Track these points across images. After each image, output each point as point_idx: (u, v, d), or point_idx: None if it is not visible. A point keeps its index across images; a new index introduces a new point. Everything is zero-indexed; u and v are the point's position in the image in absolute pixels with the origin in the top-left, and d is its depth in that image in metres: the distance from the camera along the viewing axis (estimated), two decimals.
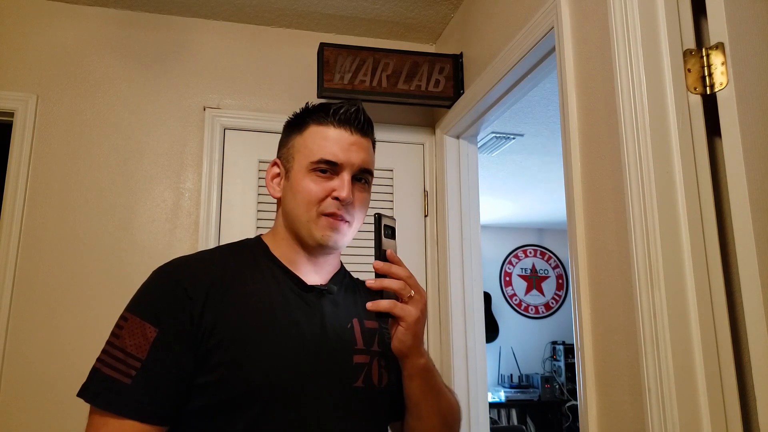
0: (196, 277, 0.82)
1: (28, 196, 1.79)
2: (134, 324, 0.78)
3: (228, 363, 0.78)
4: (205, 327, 0.79)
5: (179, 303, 0.79)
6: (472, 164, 2.03)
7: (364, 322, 0.93)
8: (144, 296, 0.82)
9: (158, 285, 0.83)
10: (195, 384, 0.78)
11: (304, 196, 0.88)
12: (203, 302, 0.80)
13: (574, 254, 1.17)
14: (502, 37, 1.61)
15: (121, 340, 0.77)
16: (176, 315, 0.78)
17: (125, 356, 0.76)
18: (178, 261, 0.87)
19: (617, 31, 1.03)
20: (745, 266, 0.85)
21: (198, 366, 0.78)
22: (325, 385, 0.84)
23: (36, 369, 1.70)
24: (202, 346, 0.78)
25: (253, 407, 0.78)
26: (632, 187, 0.97)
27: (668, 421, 0.86)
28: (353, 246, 1.05)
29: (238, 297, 0.83)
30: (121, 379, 0.75)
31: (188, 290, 0.80)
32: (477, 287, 1.95)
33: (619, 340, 1.03)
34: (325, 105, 0.93)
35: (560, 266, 5.99)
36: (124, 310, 0.81)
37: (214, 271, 0.84)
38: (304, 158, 0.89)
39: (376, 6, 1.99)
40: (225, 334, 0.79)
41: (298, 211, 0.89)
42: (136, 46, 1.98)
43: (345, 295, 0.96)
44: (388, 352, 0.91)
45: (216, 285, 0.82)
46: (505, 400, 5.16)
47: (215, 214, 1.89)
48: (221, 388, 0.78)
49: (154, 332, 0.77)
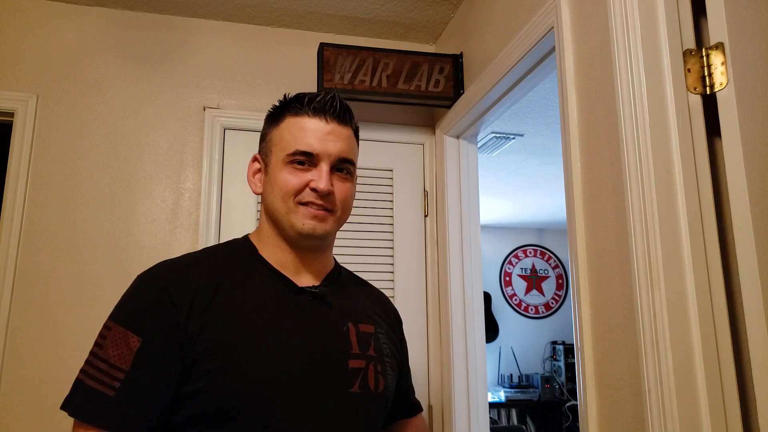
0: (181, 282, 0.79)
1: (28, 196, 1.79)
2: (117, 333, 0.75)
3: (215, 370, 0.75)
4: (191, 334, 0.76)
5: (163, 310, 0.76)
6: (472, 164, 2.03)
7: (359, 326, 0.90)
8: (127, 304, 0.79)
9: (141, 292, 0.80)
10: (182, 393, 0.75)
11: (282, 188, 0.86)
12: (189, 309, 0.77)
13: (574, 254, 1.17)
14: (502, 37, 1.61)
15: (104, 351, 0.75)
16: (161, 323, 0.76)
17: (109, 367, 0.73)
18: (161, 266, 0.83)
19: (617, 31, 1.03)
20: (745, 266, 0.85)
21: (184, 374, 0.75)
22: (319, 392, 0.80)
23: (36, 369, 1.69)
24: (189, 354, 0.75)
25: (242, 416, 0.75)
26: (632, 187, 0.97)
27: (668, 421, 0.86)
28: (342, 242, 1.05)
29: (225, 302, 0.80)
30: (105, 392, 0.72)
31: (173, 297, 0.77)
32: (477, 287, 1.95)
33: (619, 340, 1.03)
34: (301, 95, 0.91)
35: (560, 266, 5.99)
36: (108, 319, 0.78)
37: (199, 276, 0.81)
38: (281, 151, 0.87)
39: (376, 6, 1.99)
40: (212, 341, 0.76)
41: (276, 203, 0.87)
42: (136, 47, 1.98)
43: (340, 296, 0.92)
44: (384, 357, 0.89)
45: (202, 290, 0.79)
46: (505, 400, 5.16)
47: (215, 214, 1.89)
48: (209, 396, 0.75)
49: (138, 342, 0.74)
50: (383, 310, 1.02)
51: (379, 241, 2.00)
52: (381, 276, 1.97)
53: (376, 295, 1.05)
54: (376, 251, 1.99)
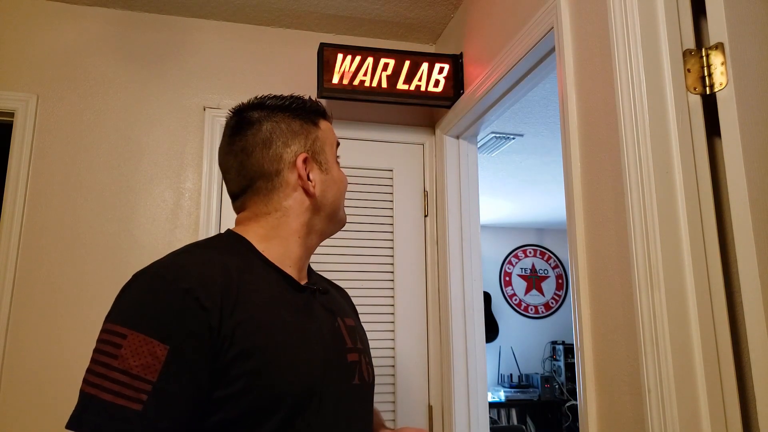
0: (205, 284, 0.74)
1: (28, 196, 1.79)
2: (137, 342, 0.68)
3: (250, 373, 0.72)
4: (224, 337, 0.72)
5: (192, 314, 0.71)
6: (472, 164, 2.04)
7: (345, 320, 0.93)
8: (143, 309, 0.71)
9: (160, 296, 0.72)
10: (213, 398, 0.71)
11: (345, 184, 0.96)
12: (220, 310, 0.72)
13: (574, 254, 1.17)
14: (502, 37, 1.62)
15: (123, 361, 0.67)
16: (190, 328, 0.70)
17: (131, 379, 0.67)
18: (173, 265, 0.76)
19: (617, 31, 1.03)
20: (745, 266, 0.85)
21: (216, 379, 0.71)
22: (335, 387, 0.82)
23: (36, 369, 1.70)
24: (222, 358, 0.71)
25: (275, 416, 0.74)
26: (632, 186, 0.97)
27: (668, 421, 0.86)
28: (342, 242, 1.07)
29: (248, 301, 0.77)
30: (130, 406, 0.66)
31: (200, 299, 0.72)
32: (477, 287, 1.95)
33: (619, 340, 1.03)
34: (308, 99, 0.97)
35: (560, 266, 5.99)
36: (116, 324, 0.71)
37: (219, 275, 0.76)
38: (331, 149, 0.95)
39: (376, 6, 1.99)
40: (246, 343, 0.73)
41: (339, 200, 0.95)
42: (136, 47, 1.98)
43: (327, 294, 0.95)
44: (367, 348, 0.95)
45: (226, 290, 0.75)
46: (505, 400, 5.16)
47: (215, 214, 1.89)
48: (244, 399, 0.72)
49: (165, 350, 0.68)
50: (349, 303, 1.07)
51: (379, 241, 2.00)
52: (381, 276, 1.98)
53: (340, 288, 1.09)
54: (376, 251, 1.99)
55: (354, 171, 2.00)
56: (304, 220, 0.90)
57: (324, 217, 0.93)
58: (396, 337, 1.95)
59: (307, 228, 0.91)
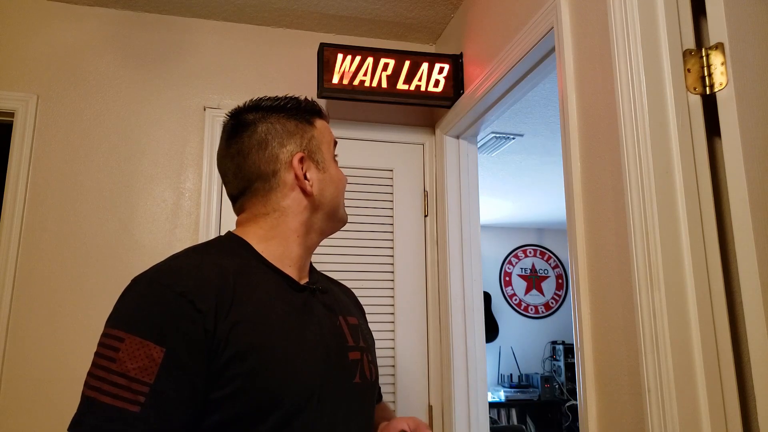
0: (200, 287, 0.75)
1: (28, 196, 1.79)
2: (133, 345, 0.70)
3: (246, 374, 0.73)
4: (219, 339, 0.73)
5: (186, 317, 0.72)
6: (472, 164, 2.04)
7: (348, 319, 0.93)
8: (139, 313, 0.73)
9: (156, 299, 0.73)
10: (209, 400, 0.73)
11: (343, 182, 0.96)
12: (215, 313, 0.74)
13: (574, 254, 1.17)
14: (502, 38, 1.62)
15: (120, 364, 0.69)
16: (184, 330, 0.71)
17: (128, 381, 0.68)
18: (168, 270, 0.77)
19: (617, 31, 1.03)
20: (745, 266, 0.85)
21: (211, 381, 0.73)
22: (335, 386, 0.82)
23: (36, 369, 1.69)
24: (217, 360, 0.73)
25: (272, 416, 0.74)
26: (632, 187, 0.97)
27: (668, 421, 0.86)
28: (342, 242, 1.07)
29: (244, 303, 0.78)
30: (128, 408, 0.67)
31: (195, 302, 0.73)
32: (477, 287, 1.95)
33: (619, 340, 1.03)
34: (304, 99, 0.97)
35: (560, 266, 6.00)
36: (114, 328, 0.72)
37: (215, 277, 0.78)
38: (328, 148, 0.95)
39: (376, 6, 1.99)
40: (241, 344, 0.74)
41: (338, 199, 0.94)
42: (136, 46, 1.98)
43: (328, 293, 0.95)
44: (371, 347, 0.94)
45: (221, 292, 0.76)
46: (505, 400, 5.16)
47: (215, 214, 1.89)
48: (239, 400, 0.73)
49: (161, 352, 0.70)
50: (354, 302, 1.07)
51: (379, 241, 2.00)
52: (381, 276, 1.98)
53: (345, 288, 1.09)
54: (376, 251, 1.99)
55: (354, 171, 2.00)
56: (302, 219, 0.91)
57: (323, 216, 0.93)
58: (396, 337, 1.95)
59: (306, 227, 0.91)
